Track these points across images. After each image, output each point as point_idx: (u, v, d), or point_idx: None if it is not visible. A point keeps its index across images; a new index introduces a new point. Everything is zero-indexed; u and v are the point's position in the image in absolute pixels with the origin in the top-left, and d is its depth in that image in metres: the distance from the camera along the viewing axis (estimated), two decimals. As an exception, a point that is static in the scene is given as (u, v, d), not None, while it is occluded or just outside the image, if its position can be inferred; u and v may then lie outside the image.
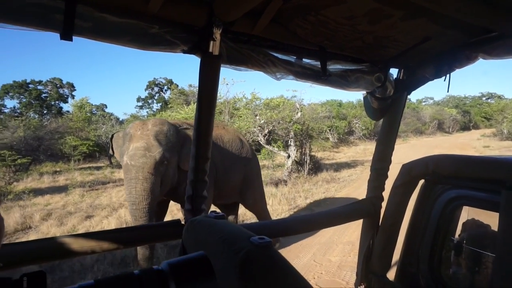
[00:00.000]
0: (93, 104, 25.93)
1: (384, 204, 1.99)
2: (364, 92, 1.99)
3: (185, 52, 1.34)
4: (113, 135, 4.75)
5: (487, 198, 1.49)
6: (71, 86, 30.75)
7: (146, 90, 37.22)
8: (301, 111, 12.87)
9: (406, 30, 1.47)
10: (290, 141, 12.02)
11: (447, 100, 54.80)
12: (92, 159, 18.43)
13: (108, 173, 14.00)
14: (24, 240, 5.23)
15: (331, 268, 4.60)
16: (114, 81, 66.75)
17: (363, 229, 2.10)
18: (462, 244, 1.68)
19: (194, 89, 24.61)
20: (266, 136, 12.70)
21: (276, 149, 12.70)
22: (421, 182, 1.81)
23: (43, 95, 28.91)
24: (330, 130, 22.07)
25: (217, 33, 1.29)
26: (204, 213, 1.52)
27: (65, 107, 29.42)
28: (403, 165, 1.83)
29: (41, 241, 1.29)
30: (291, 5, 1.29)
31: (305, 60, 1.64)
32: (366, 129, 25.91)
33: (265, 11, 1.29)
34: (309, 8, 1.31)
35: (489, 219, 1.63)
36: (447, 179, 1.68)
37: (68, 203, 8.87)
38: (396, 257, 1.92)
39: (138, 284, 0.57)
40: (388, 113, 2.03)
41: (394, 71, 1.97)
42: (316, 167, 12.52)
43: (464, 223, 1.73)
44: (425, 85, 1.96)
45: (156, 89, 37.12)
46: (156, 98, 37.03)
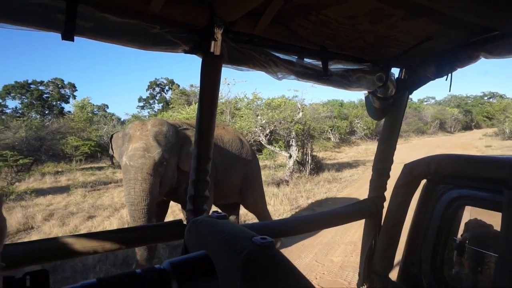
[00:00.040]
0: (95, 104, 25.95)
1: (386, 204, 1.99)
2: (366, 91, 1.99)
3: (186, 52, 1.34)
4: (112, 135, 4.72)
5: (490, 198, 1.49)
6: (73, 87, 30.90)
7: (147, 90, 37.40)
8: (302, 111, 12.85)
9: (407, 29, 1.47)
10: (292, 141, 12.00)
11: (449, 100, 54.67)
12: (93, 159, 18.46)
13: (110, 173, 14.00)
14: (27, 240, 5.24)
15: (333, 268, 4.59)
16: (116, 81, 67.14)
17: (365, 229, 2.10)
18: (464, 244, 1.67)
19: (196, 89, 24.62)
20: (268, 136, 12.68)
21: (277, 149, 12.69)
22: (423, 182, 1.80)
23: (45, 95, 29.05)
24: (331, 130, 22.04)
25: (218, 33, 1.29)
26: (206, 213, 1.53)
27: (67, 107, 29.54)
28: (405, 165, 1.83)
29: (43, 241, 1.29)
30: (292, 4, 1.28)
31: (307, 60, 1.64)
32: (367, 129, 25.87)
33: (266, 11, 1.29)
34: (310, 8, 1.31)
35: (492, 219, 1.62)
36: (449, 178, 1.67)
37: (70, 203, 8.87)
38: (398, 257, 1.92)
39: (140, 283, 0.58)
40: (389, 113, 2.03)
41: (395, 71, 1.97)
42: (318, 167, 12.50)
43: (466, 223, 1.73)
44: (427, 84, 1.95)
45: (157, 89, 37.22)
46: (157, 98, 37.13)
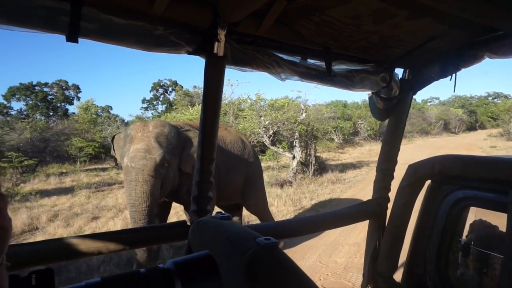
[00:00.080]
0: (99, 105, 26.13)
1: (390, 205, 1.98)
2: (369, 92, 1.99)
3: (189, 53, 1.35)
4: (114, 136, 4.71)
5: (495, 199, 1.48)
6: (77, 88, 30.97)
7: (151, 91, 37.48)
8: (305, 112, 12.84)
9: (411, 29, 1.46)
10: (295, 142, 11.99)
11: (453, 100, 54.36)
12: (97, 160, 18.52)
13: (114, 174, 14.04)
14: (32, 241, 5.27)
15: (337, 269, 4.57)
16: (119, 82, 67.28)
17: (369, 230, 2.09)
18: (469, 245, 1.66)
19: (199, 90, 24.70)
20: (271, 137, 12.69)
21: (281, 150, 12.69)
22: (428, 182, 1.80)
23: (49, 97, 29.14)
24: (335, 131, 21.99)
25: (222, 34, 1.30)
26: (210, 214, 1.53)
27: (71, 109, 29.65)
28: (409, 165, 1.82)
29: (48, 242, 1.29)
30: (295, 5, 1.28)
31: (310, 61, 1.64)
32: (371, 129, 25.79)
33: (269, 11, 1.29)
34: (313, 9, 1.31)
35: (497, 220, 1.61)
36: (454, 179, 1.66)
37: (74, 204, 8.90)
38: (402, 258, 1.91)
39: (144, 282, 0.58)
40: (393, 114, 2.02)
41: (399, 71, 1.97)
42: (321, 168, 12.46)
43: (471, 224, 1.71)
44: (431, 85, 1.95)
45: (161, 90, 37.30)
46: (161, 99, 37.23)
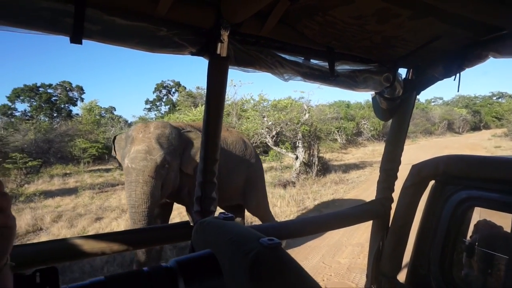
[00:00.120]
0: (102, 106, 26.21)
1: (393, 206, 1.98)
2: (373, 92, 1.98)
3: (193, 54, 1.35)
4: (115, 137, 4.70)
5: (499, 199, 1.47)
6: (81, 89, 31.08)
7: (154, 92, 37.53)
8: (308, 112, 12.81)
9: (414, 29, 1.46)
10: (298, 143, 11.97)
11: (457, 100, 54.02)
12: (101, 161, 18.56)
13: (117, 175, 14.05)
14: (36, 241, 5.30)
15: (341, 270, 4.57)
16: (123, 83, 67.46)
17: (373, 230, 2.09)
18: (474, 245, 1.66)
19: (202, 91, 24.69)
20: (274, 138, 12.68)
21: (284, 150, 12.67)
22: (431, 183, 1.79)
23: (53, 98, 29.25)
24: (338, 131, 21.93)
25: (225, 35, 1.30)
26: (213, 215, 1.53)
27: (75, 110, 29.71)
28: (413, 165, 1.81)
29: (52, 242, 1.30)
30: (298, 5, 1.28)
31: (313, 61, 1.64)
32: (374, 130, 25.69)
33: (272, 12, 1.29)
34: (316, 9, 1.31)
35: (502, 220, 1.60)
36: (458, 179, 1.65)
37: (78, 205, 8.94)
38: (406, 259, 1.90)
39: (147, 280, 0.59)
40: (397, 114, 2.01)
41: (402, 71, 1.96)
42: (325, 168, 12.44)
43: (476, 224, 1.70)
44: (434, 85, 1.94)
45: (164, 91, 37.36)
46: (164, 100, 37.29)
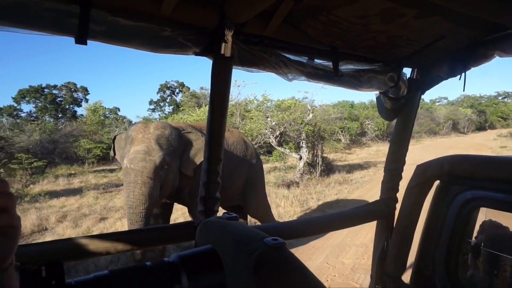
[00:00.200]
0: (106, 107, 26.31)
1: (398, 206, 1.97)
2: (377, 92, 1.97)
3: (197, 54, 1.35)
4: (115, 137, 4.69)
5: (505, 199, 1.45)
6: (85, 90, 31.23)
7: (158, 93, 37.63)
8: (312, 113, 12.81)
9: (419, 28, 1.45)
10: (302, 143, 11.96)
11: (462, 100, 53.64)
12: (105, 161, 18.60)
13: (122, 175, 14.08)
14: (41, 241, 5.33)
15: (345, 270, 4.55)
16: (127, 84, 67.62)
17: (377, 231, 2.08)
18: (479, 246, 1.64)
19: (206, 92, 24.76)
20: (278, 138, 12.69)
21: (287, 150, 12.67)
22: (436, 183, 1.78)
23: (58, 99, 29.43)
24: (342, 131, 21.90)
25: (229, 35, 1.30)
26: (216, 215, 1.53)
27: (79, 110, 29.90)
28: (417, 165, 1.80)
29: (57, 242, 1.31)
30: (302, 5, 1.28)
31: (317, 61, 1.63)
32: (378, 130, 25.59)
33: (276, 12, 1.29)
34: (320, 9, 1.30)
35: (507, 220, 1.59)
36: (463, 179, 1.64)
37: (82, 205, 9.00)
38: (411, 259, 1.89)
39: (151, 275, 0.60)
40: (401, 114, 2.00)
41: (407, 71, 1.95)
42: (328, 168, 12.41)
43: (481, 225, 1.69)
44: (439, 84, 1.92)
45: (168, 92, 37.45)
46: (168, 101, 37.38)
